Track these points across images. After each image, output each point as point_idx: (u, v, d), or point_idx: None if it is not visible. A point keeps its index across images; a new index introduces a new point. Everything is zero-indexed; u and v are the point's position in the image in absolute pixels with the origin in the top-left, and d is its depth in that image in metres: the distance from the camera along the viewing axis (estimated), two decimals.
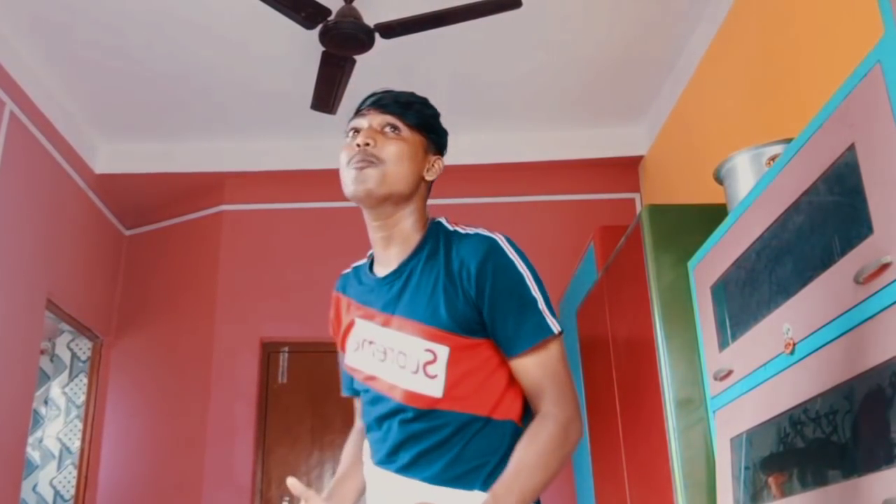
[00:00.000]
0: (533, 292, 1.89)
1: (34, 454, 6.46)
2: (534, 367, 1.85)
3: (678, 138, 5.29)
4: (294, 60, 4.99)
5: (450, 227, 1.99)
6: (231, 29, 4.75)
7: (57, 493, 6.18)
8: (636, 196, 6.11)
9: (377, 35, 4.20)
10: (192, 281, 6.17)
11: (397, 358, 1.87)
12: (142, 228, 6.61)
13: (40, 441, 6.40)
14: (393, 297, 1.92)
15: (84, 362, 6.29)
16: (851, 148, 1.96)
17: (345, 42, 4.18)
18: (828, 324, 2.05)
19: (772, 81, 3.84)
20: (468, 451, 1.81)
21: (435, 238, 1.97)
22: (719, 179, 3.06)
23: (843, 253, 1.99)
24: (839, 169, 2.04)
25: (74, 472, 6.02)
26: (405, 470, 1.83)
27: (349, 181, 1.91)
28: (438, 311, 1.84)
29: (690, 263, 3.10)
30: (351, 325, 2.01)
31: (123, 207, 6.39)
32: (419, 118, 2.02)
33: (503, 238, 1.92)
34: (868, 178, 1.88)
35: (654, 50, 5.02)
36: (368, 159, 1.90)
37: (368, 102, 2.02)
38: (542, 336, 1.85)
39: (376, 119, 1.97)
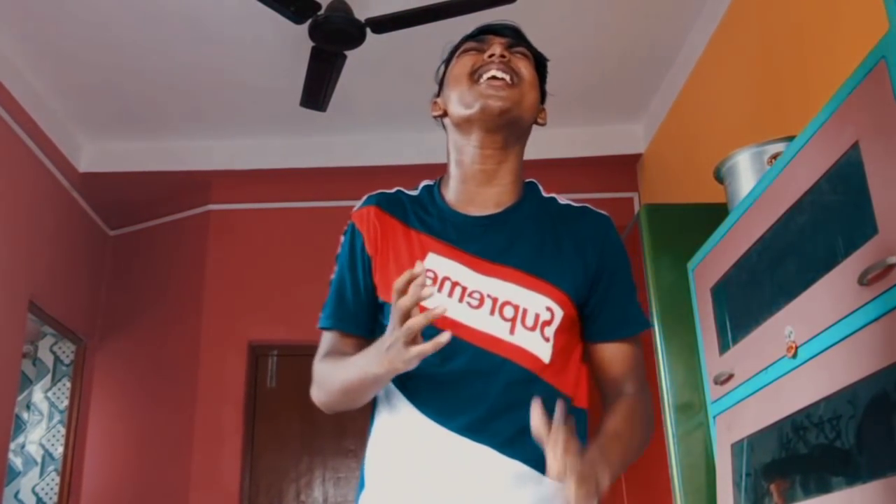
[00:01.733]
0: (634, 280, 1.88)
1: (16, 460, 6.45)
2: (631, 354, 1.81)
3: (677, 136, 5.29)
4: (283, 56, 4.98)
5: (547, 194, 1.94)
6: (218, 24, 4.74)
7: (39, 500, 6.17)
8: (634, 195, 6.10)
9: (368, 30, 4.19)
10: (179, 282, 6.16)
11: (503, 309, 1.70)
12: (127, 228, 6.58)
13: (22, 447, 6.39)
14: (496, 243, 1.77)
15: (67, 366, 6.28)
16: (855, 145, 1.95)
17: (335, 37, 4.17)
18: (831, 326, 2.04)
19: (774, 77, 3.84)
20: None
21: (536, 197, 1.90)
22: (720, 178, 3.06)
23: (847, 253, 1.99)
24: (843, 167, 2.04)
25: (57, 479, 6.01)
26: (505, 447, 1.64)
27: (479, 93, 1.76)
28: (564, 273, 1.76)
29: (690, 264, 3.09)
30: (418, 257, 1.76)
31: (108, 207, 6.36)
32: (540, 61, 1.94)
33: None
34: (873, 177, 1.88)
35: (653, 45, 5.01)
36: (509, 72, 1.78)
37: (488, 29, 1.91)
38: (647, 325, 1.85)
39: (504, 41, 1.86)
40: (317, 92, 4.60)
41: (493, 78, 1.76)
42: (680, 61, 5.06)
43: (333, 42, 4.21)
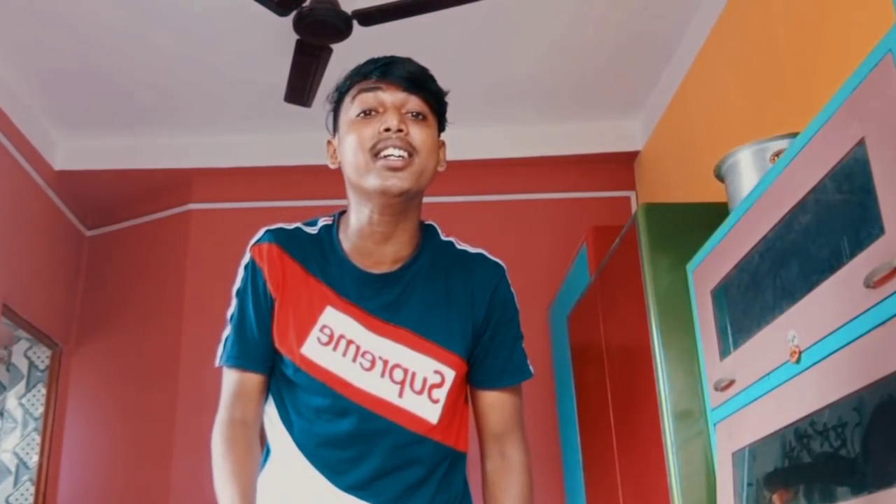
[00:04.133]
0: (521, 329, 1.97)
1: None
2: (510, 403, 1.93)
3: (676, 132, 5.29)
4: (266, 50, 4.96)
5: (445, 238, 1.99)
6: (199, 16, 4.72)
7: None
8: (631, 194, 6.10)
9: (355, 22, 4.18)
10: (158, 285, 6.13)
11: (393, 372, 1.80)
12: (104, 228, 6.56)
13: None
14: (390, 302, 1.85)
15: (42, 371, 6.24)
16: (861, 143, 1.95)
17: (321, 30, 4.15)
18: (836, 330, 2.04)
19: (776, 72, 3.84)
20: (443, 486, 1.83)
21: (433, 246, 1.95)
22: (720, 176, 3.06)
23: (853, 255, 1.99)
24: (848, 165, 2.03)
25: (32, 489, 5.97)
26: None
27: (375, 174, 1.77)
28: (453, 332, 1.85)
29: (689, 266, 3.09)
30: (317, 309, 1.85)
31: (84, 206, 6.35)
32: (438, 100, 1.93)
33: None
34: (879, 175, 1.87)
35: (651, 37, 5.01)
36: (406, 148, 1.78)
37: (382, 73, 1.87)
38: (527, 375, 1.95)
39: (397, 97, 1.84)
40: (301, 87, 4.59)
41: (391, 157, 1.77)
42: (679, 54, 5.06)
43: (319, 35, 4.19)
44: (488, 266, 1.96)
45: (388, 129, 1.78)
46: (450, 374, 1.82)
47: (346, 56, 4.61)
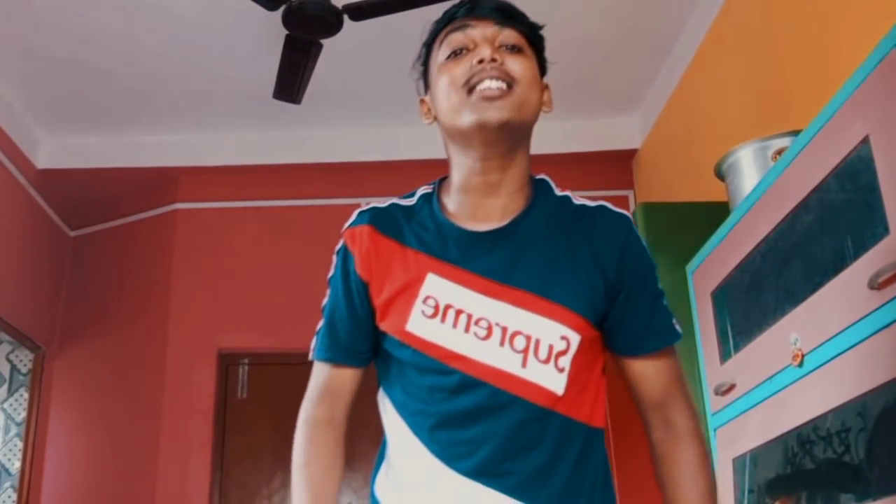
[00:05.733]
0: (661, 284, 1.82)
1: None
2: (664, 369, 1.77)
3: (676, 130, 5.29)
4: (255, 45, 4.95)
5: (560, 193, 1.85)
6: (186, 10, 4.71)
7: None
8: (629, 193, 6.10)
9: (346, 17, 4.17)
10: (144, 286, 6.12)
11: (514, 340, 1.64)
12: (88, 229, 6.55)
13: None
14: (503, 260, 1.69)
15: (25, 375, 6.23)
16: (865, 140, 1.95)
17: (310, 25, 4.15)
18: (839, 333, 2.04)
19: (778, 67, 3.84)
20: (580, 467, 1.68)
21: (548, 200, 1.82)
22: (721, 175, 3.06)
23: (857, 255, 1.99)
24: (852, 163, 2.03)
25: (14, 496, 5.96)
26: (518, 491, 1.61)
27: (471, 108, 1.65)
28: (579, 292, 1.69)
29: (689, 267, 3.08)
30: (416, 280, 1.71)
31: (68, 206, 6.33)
32: (535, 33, 1.82)
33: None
34: (884, 174, 1.87)
35: (650, 32, 5.01)
36: (504, 78, 1.66)
37: (469, 10, 1.76)
38: (675, 336, 1.78)
39: (488, 31, 1.73)
40: (291, 83, 4.58)
41: (488, 89, 1.65)
42: (678, 50, 5.06)
43: (308, 30, 4.19)
44: (613, 218, 1.80)
45: (481, 61, 1.67)
46: (575, 339, 1.66)
47: (336, 51, 4.64)
